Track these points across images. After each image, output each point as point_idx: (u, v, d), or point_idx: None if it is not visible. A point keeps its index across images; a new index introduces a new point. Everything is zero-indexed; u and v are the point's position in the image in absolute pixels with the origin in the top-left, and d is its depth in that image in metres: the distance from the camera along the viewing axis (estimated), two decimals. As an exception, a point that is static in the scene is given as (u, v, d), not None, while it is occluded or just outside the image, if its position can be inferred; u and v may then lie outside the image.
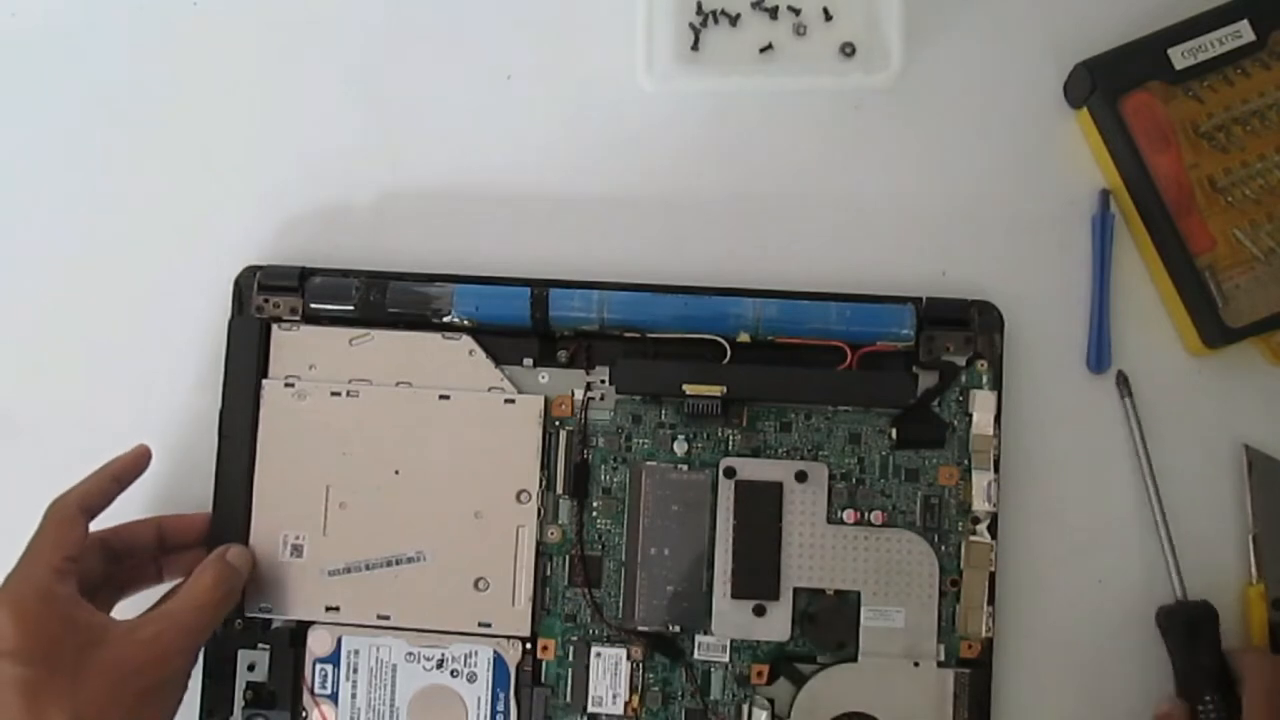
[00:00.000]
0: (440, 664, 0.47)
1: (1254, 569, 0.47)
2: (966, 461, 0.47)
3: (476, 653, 0.47)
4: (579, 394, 0.48)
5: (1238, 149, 0.47)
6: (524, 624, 0.46)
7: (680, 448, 0.47)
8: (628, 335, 0.47)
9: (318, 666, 0.47)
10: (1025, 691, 0.47)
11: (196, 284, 0.50)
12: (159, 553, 0.47)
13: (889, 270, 0.49)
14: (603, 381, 0.48)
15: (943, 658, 0.46)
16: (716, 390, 0.46)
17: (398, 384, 0.48)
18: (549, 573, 0.47)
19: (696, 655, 0.46)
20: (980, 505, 0.46)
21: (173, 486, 0.49)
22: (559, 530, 0.47)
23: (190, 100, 0.52)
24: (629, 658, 0.47)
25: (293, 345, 0.48)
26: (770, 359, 0.47)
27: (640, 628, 0.46)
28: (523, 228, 0.50)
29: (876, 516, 0.46)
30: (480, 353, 0.48)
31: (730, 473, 0.47)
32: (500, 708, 0.47)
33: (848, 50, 0.50)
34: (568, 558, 0.47)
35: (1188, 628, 0.46)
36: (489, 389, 0.47)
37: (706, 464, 0.47)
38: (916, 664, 0.45)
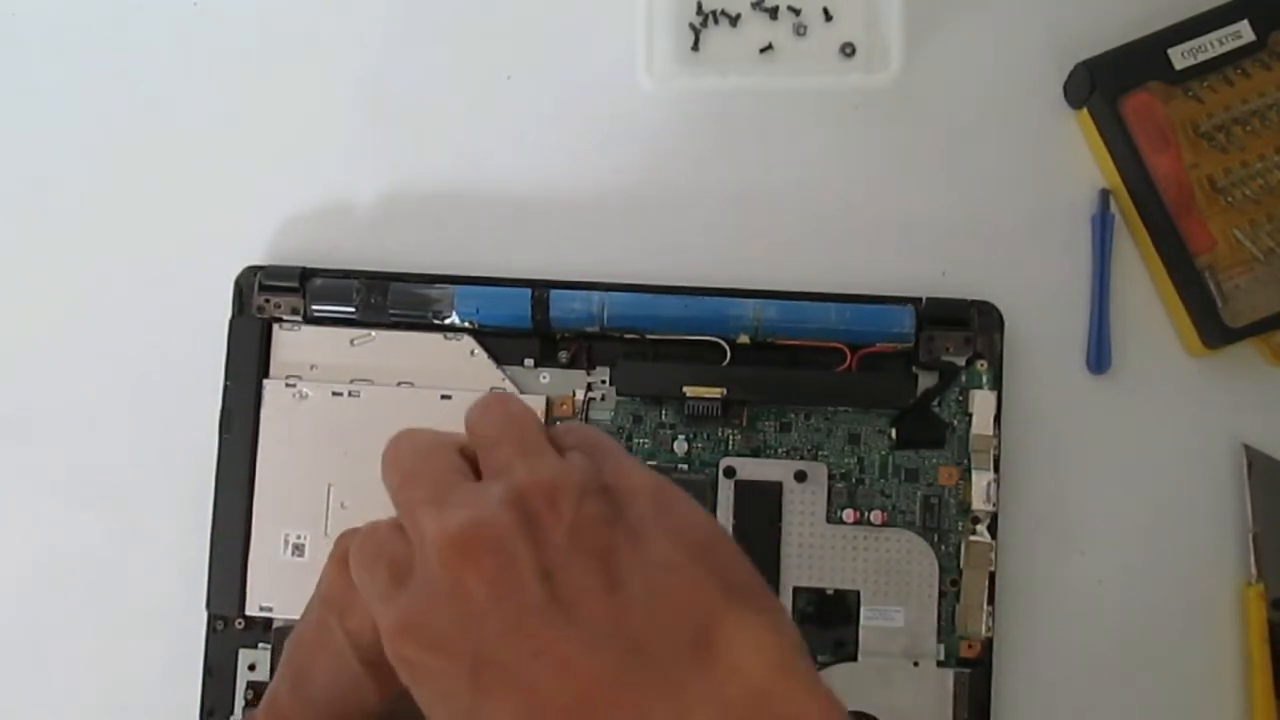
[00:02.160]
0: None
1: (1254, 569, 0.47)
2: (966, 461, 0.47)
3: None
4: (580, 395, 0.48)
5: (1238, 149, 0.47)
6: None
7: (680, 448, 0.47)
8: (628, 336, 0.47)
9: (319, 666, 0.47)
10: (1025, 691, 0.47)
11: (196, 284, 0.50)
12: None
13: (889, 270, 0.49)
14: (603, 382, 0.48)
15: (943, 658, 0.46)
16: (716, 392, 0.46)
17: (399, 384, 0.48)
18: (550, 573, 0.47)
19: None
20: (980, 505, 0.46)
21: (173, 487, 0.49)
22: (559, 530, 0.47)
23: (190, 100, 0.52)
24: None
25: (293, 345, 0.48)
26: (770, 360, 0.47)
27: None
28: (523, 228, 0.50)
29: (876, 516, 0.46)
30: (481, 353, 0.48)
31: (730, 472, 0.47)
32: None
33: (848, 50, 0.50)
34: (568, 558, 0.47)
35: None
36: (490, 389, 0.48)
37: (706, 464, 0.47)
38: (916, 664, 0.46)
